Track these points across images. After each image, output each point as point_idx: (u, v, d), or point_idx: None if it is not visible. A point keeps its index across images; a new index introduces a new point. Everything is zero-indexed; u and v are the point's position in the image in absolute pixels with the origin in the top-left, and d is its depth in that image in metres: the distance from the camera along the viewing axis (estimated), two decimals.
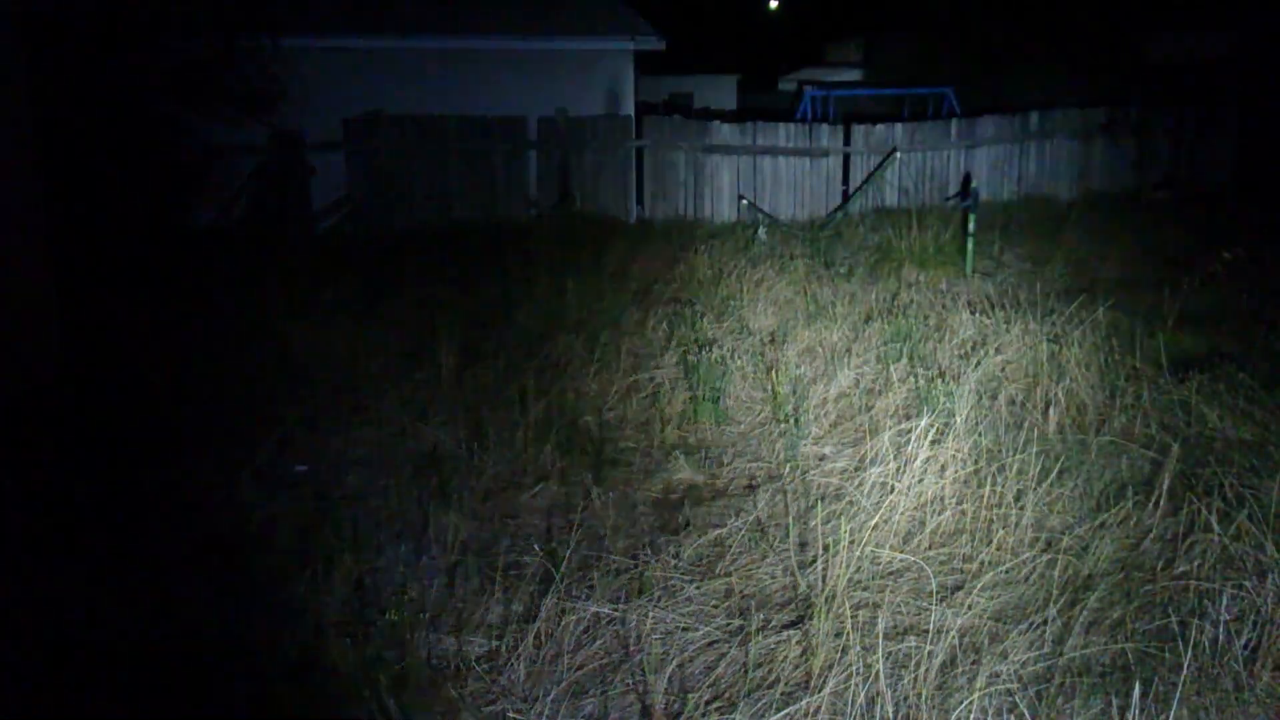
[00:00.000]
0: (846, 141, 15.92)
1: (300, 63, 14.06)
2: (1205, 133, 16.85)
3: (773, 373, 6.89)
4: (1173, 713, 3.27)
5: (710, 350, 7.33)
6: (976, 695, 3.38)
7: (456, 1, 16.38)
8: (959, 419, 5.64)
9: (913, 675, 3.52)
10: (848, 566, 4.01)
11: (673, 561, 4.45)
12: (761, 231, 13.03)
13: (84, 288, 8.06)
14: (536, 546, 4.65)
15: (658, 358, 7.42)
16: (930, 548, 4.50)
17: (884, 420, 5.90)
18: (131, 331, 7.78)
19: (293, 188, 14.78)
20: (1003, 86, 22.02)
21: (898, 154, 15.80)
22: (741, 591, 4.19)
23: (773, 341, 7.96)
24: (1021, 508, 4.71)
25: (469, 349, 7.58)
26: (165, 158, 12.76)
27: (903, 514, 4.69)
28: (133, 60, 11.92)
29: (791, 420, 6.14)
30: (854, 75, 32.41)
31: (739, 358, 7.30)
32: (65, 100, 10.07)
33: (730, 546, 4.59)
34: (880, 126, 16.07)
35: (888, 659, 3.58)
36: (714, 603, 4.12)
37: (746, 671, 3.60)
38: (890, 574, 4.29)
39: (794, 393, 6.56)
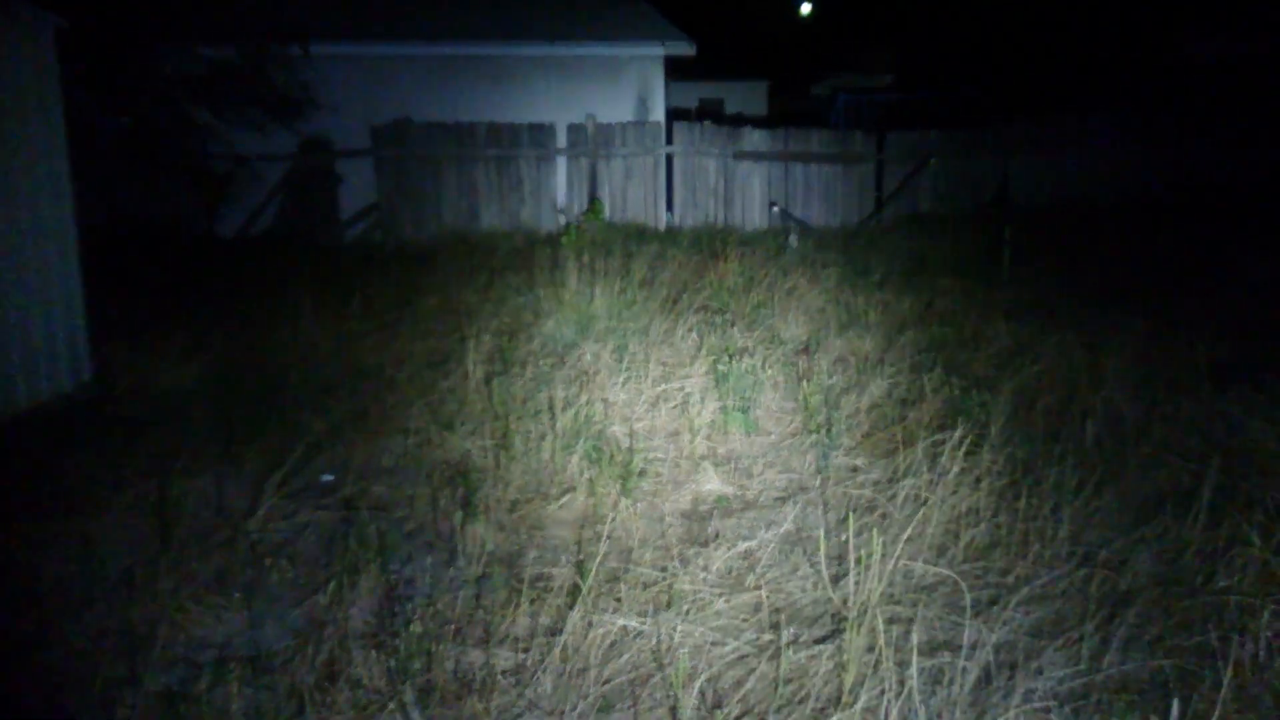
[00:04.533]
0: (880, 148, 15.85)
1: (329, 70, 14.19)
2: (1248, 133, 16.58)
3: (804, 382, 6.82)
4: None
5: (740, 359, 7.27)
6: (1012, 713, 3.31)
7: (486, 8, 16.46)
8: (994, 430, 5.56)
9: (947, 692, 3.44)
10: (880, 580, 3.94)
11: (702, 574, 4.39)
12: (793, 239, 12.97)
13: (114, 293, 8.10)
14: (564, 558, 4.61)
15: (687, 367, 7.37)
16: (965, 561, 4.42)
17: (918, 431, 5.82)
18: (160, 338, 7.81)
19: (321, 195, 14.89)
20: (1039, 90, 21.85)
21: (932, 160, 15.69)
22: (772, 605, 4.13)
23: (804, 350, 7.90)
24: (1058, 521, 4.63)
25: (497, 357, 7.57)
26: (195, 165, 12.87)
27: (936, 527, 4.62)
28: (164, 68, 12.03)
29: (823, 431, 6.06)
30: (887, 80, 32.27)
31: (770, 367, 7.24)
32: (96, 106, 10.16)
33: (760, 559, 4.53)
34: (914, 133, 15.98)
35: (921, 675, 3.50)
36: (744, 616, 4.06)
37: (777, 686, 3.53)
38: (924, 588, 4.22)
39: (826, 403, 6.49)
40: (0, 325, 6.54)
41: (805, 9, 35.45)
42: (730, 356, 7.34)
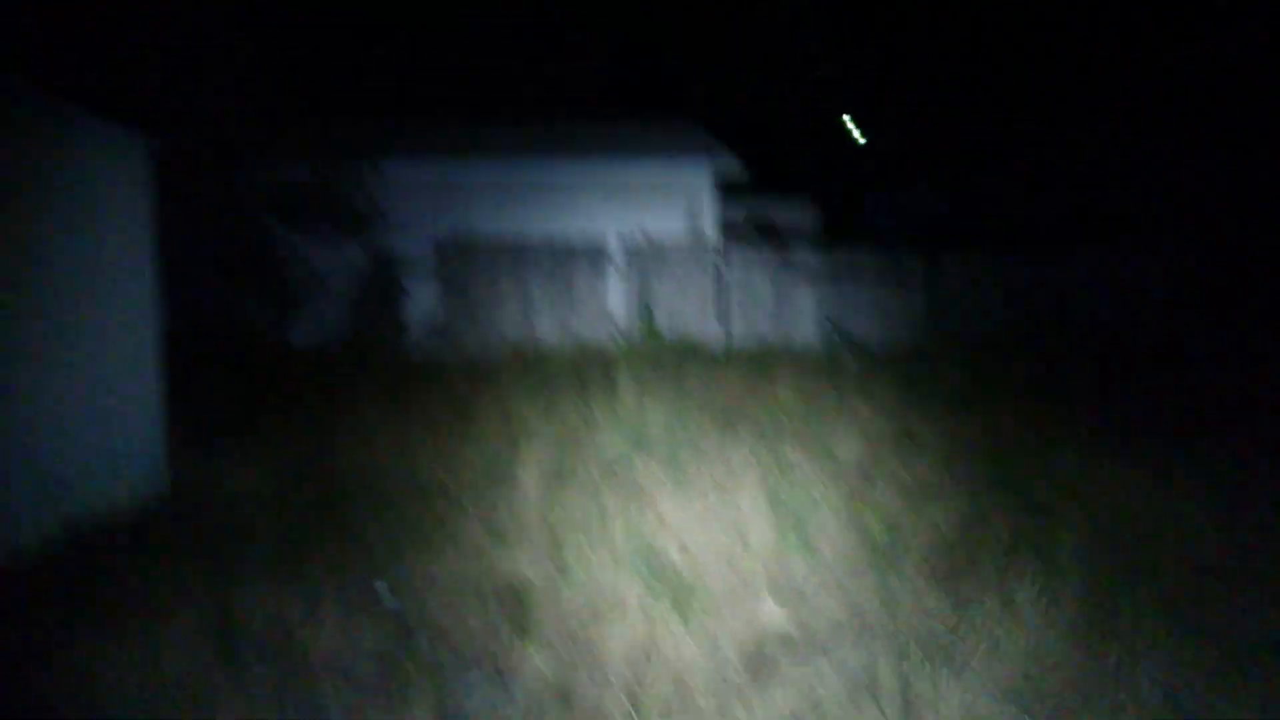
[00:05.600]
0: (931, 268, 15.88)
1: (395, 185, 14.59)
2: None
3: (861, 504, 6.69)
4: None
5: (795, 478, 7.17)
6: None
7: (541, 128, 16.94)
8: (1064, 562, 5.40)
9: None
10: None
11: (760, 711, 4.24)
12: (846, 356, 12.93)
13: (192, 402, 8.27)
14: (615, 682, 4.49)
15: (741, 484, 7.26)
16: (1039, 703, 4.24)
17: (983, 557, 5.66)
18: (232, 447, 7.93)
19: (386, 307, 15.19)
20: (1094, 210, 21.88)
21: (985, 282, 15.71)
22: None
23: (861, 471, 7.77)
24: (1143, 670, 4.43)
25: (551, 469, 7.52)
26: (270, 275, 13.22)
27: (1011, 665, 4.44)
28: (240, 181, 12.42)
29: (882, 555, 5.92)
30: (938, 197, 32.45)
31: (825, 486, 7.12)
32: (178, 218, 10.46)
33: (823, 698, 4.36)
34: (966, 254, 16.05)
35: None
36: None
37: None
38: None
39: (884, 525, 6.35)
40: (83, 437, 6.66)
41: (856, 134, 35.96)
42: (784, 474, 7.24)
